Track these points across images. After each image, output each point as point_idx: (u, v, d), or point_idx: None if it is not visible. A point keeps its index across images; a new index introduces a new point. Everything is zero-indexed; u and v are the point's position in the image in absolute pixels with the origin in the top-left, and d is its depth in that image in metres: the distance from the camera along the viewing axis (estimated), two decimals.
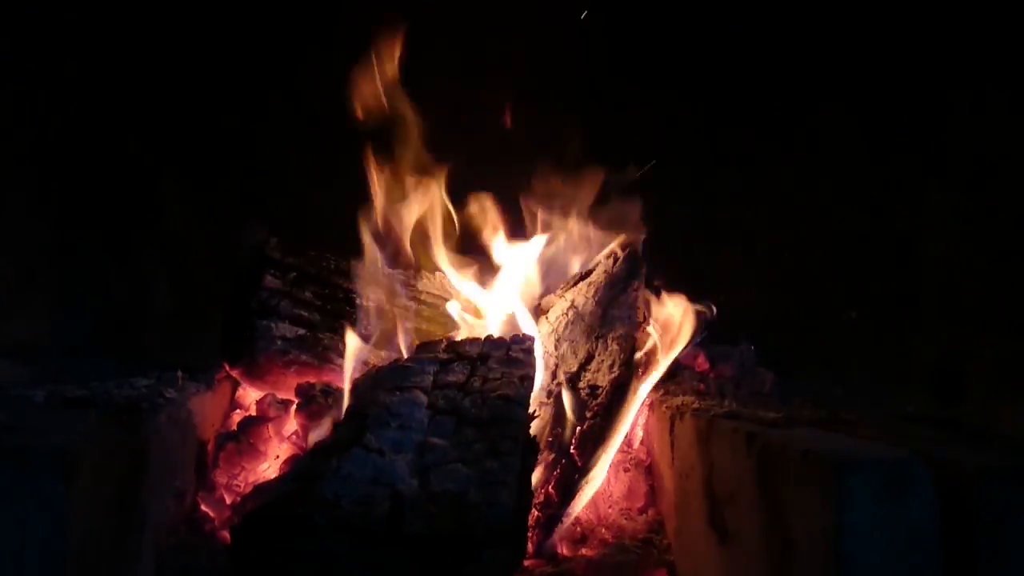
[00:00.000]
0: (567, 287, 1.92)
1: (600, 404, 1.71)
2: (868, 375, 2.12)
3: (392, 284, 1.89)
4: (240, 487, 1.69)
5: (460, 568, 1.02)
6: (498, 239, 2.01)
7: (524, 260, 1.97)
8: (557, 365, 1.71)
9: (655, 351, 1.84)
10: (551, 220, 2.02)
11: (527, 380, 1.46)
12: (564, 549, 1.62)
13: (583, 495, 1.68)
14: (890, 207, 2.22)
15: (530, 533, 1.55)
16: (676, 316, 1.86)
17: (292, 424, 1.77)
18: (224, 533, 1.59)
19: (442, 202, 1.97)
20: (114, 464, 1.15)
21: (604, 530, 1.69)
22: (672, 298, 1.89)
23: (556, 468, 1.63)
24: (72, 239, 2.24)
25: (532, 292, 1.95)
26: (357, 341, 1.73)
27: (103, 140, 2.26)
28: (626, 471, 1.81)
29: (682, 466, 1.58)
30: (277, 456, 1.75)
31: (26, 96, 2.15)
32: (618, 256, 1.90)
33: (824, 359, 2.24)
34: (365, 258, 1.86)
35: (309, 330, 1.79)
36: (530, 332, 1.73)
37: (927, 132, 2.14)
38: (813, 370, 2.14)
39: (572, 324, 1.77)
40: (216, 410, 1.85)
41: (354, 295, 1.85)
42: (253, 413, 1.85)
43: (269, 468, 1.73)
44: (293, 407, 1.77)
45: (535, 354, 1.60)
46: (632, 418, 1.79)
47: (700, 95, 2.39)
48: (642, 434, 1.90)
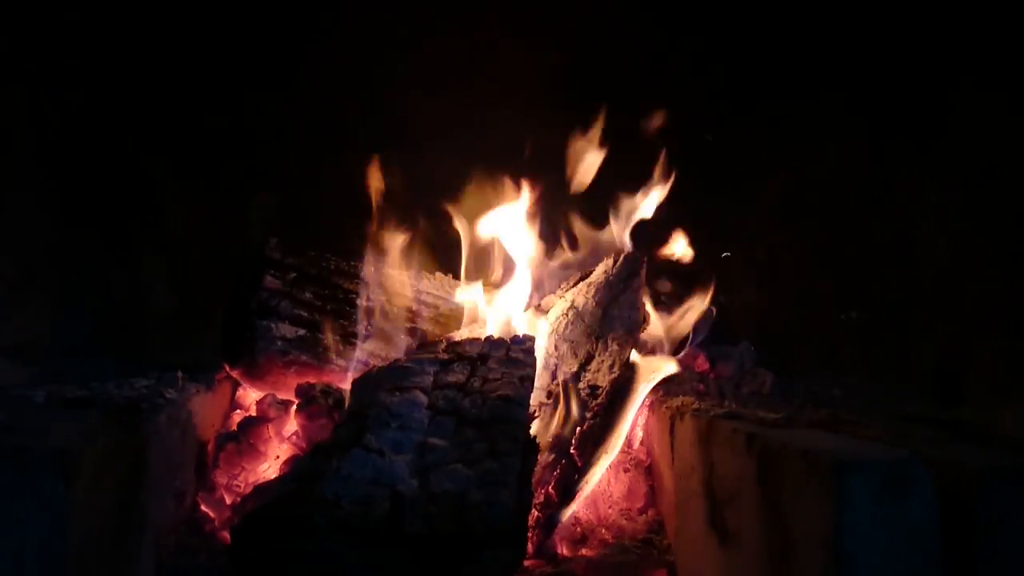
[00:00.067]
0: (567, 287, 1.92)
1: (600, 404, 1.71)
2: (868, 375, 2.12)
3: (393, 284, 1.89)
4: (240, 487, 1.69)
5: (460, 568, 1.02)
6: (499, 238, 2.01)
7: (525, 261, 1.97)
8: (557, 365, 1.71)
9: (655, 351, 1.84)
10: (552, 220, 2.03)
11: (527, 380, 1.46)
12: (564, 549, 1.62)
13: (583, 494, 1.69)
14: (890, 207, 2.22)
15: (530, 533, 1.55)
16: (677, 317, 1.86)
17: (292, 424, 1.77)
18: (224, 533, 1.58)
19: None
20: (114, 464, 1.15)
21: (604, 530, 1.69)
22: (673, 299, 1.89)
23: (556, 468, 1.63)
24: (72, 239, 2.23)
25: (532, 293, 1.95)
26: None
27: (103, 140, 2.26)
28: (626, 471, 1.81)
29: (682, 466, 1.58)
30: (277, 456, 1.75)
31: (26, 96, 2.15)
32: (618, 256, 1.90)
33: (824, 359, 2.25)
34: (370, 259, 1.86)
35: (309, 330, 1.79)
36: (530, 332, 1.73)
37: (927, 132, 2.14)
38: (813, 370, 2.14)
39: (572, 324, 1.77)
40: (216, 410, 1.85)
41: (354, 295, 1.85)
42: (253, 413, 1.85)
43: (269, 468, 1.73)
44: (293, 407, 1.77)
45: (535, 354, 1.60)
46: (632, 418, 1.79)
47: (700, 95, 2.39)
48: (642, 434, 1.90)
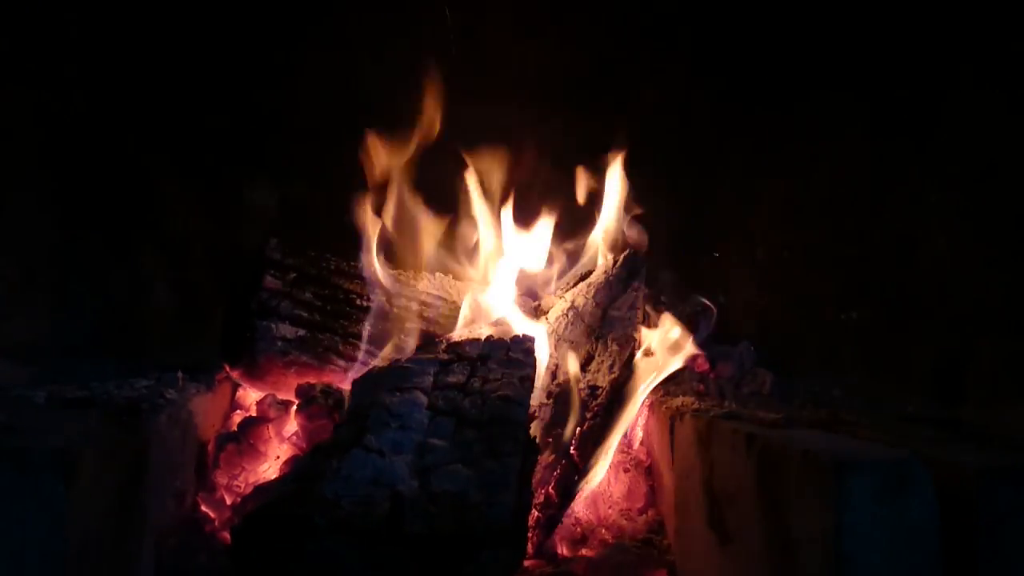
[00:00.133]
0: (567, 287, 1.92)
1: (600, 404, 1.71)
2: (868, 375, 2.12)
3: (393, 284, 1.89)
4: (240, 488, 1.69)
5: (460, 568, 1.02)
6: (498, 237, 2.01)
7: (525, 259, 1.97)
8: (557, 366, 1.71)
9: (655, 352, 1.84)
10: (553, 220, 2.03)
11: (527, 381, 1.46)
12: (564, 549, 1.62)
13: (583, 495, 1.69)
14: (890, 207, 2.22)
15: (530, 533, 1.55)
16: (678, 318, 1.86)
17: (292, 425, 1.77)
18: (224, 534, 1.59)
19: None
20: (114, 465, 1.15)
21: (604, 530, 1.69)
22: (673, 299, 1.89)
23: (556, 468, 1.63)
24: (72, 239, 2.23)
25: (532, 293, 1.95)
26: None
27: (103, 140, 2.26)
28: (626, 472, 1.81)
29: (682, 467, 1.58)
30: (277, 457, 1.75)
31: (27, 96, 2.15)
32: (618, 257, 1.90)
33: (824, 359, 2.24)
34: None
35: (309, 331, 1.79)
36: (530, 333, 1.73)
37: (927, 132, 2.14)
38: (813, 370, 2.14)
39: (572, 325, 1.77)
40: (216, 411, 1.85)
41: (354, 295, 1.85)
42: (253, 414, 1.85)
43: (269, 469, 1.73)
44: (293, 408, 1.77)
45: (535, 355, 1.60)
46: (632, 419, 1.79)
47: (700, 95, 2.39)
48: (642, 435, 1.90)
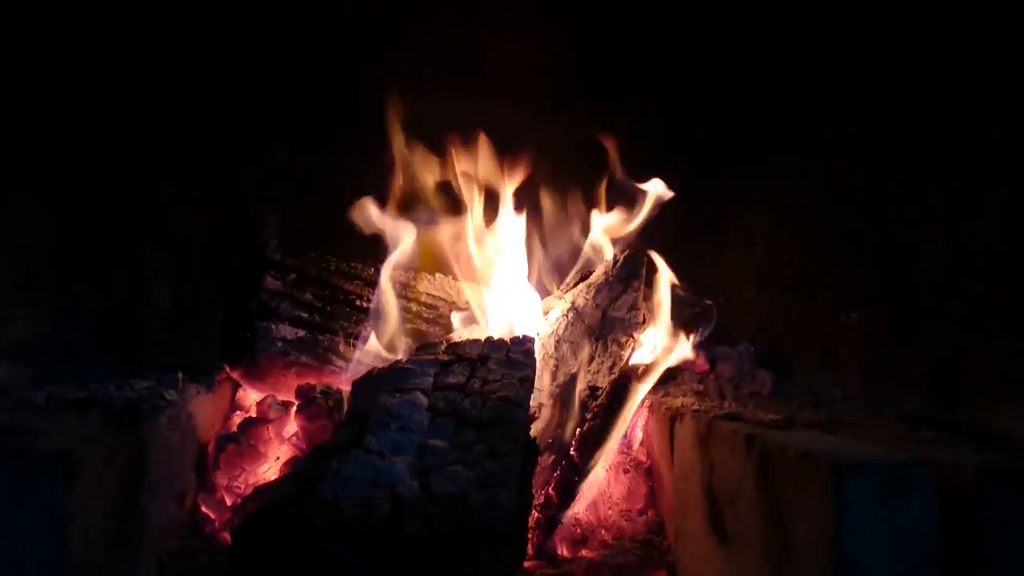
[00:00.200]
0: (567, 288, 1.93)
1: (600, 405, 1.71)
2: (868, 376, 2.12)
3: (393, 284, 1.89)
4: (240, 489, 1.69)
5: (460, 569, 1.02)
6: (498, 237, 2.01)
7: (525, 259, 1.97)
8: (557, 366, 1.71)
9: (655, 352, 1.84)
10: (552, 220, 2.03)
11: (527, 382, 1.46)
12: (564, 550, 1.62)
13: (583, 495, 1.69)
14: (890, 207, 2.21)
15: (530, 534, 1.55)
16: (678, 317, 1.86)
17: (292, 426, 1.77)
18: (225, 535, 1.59)
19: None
20: (114, 466, 1.16)
21: (604, 531, 1.69)
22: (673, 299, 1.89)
23: (556, 469, 1.63)
24: (72, 239, 2.23)
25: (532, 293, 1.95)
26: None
27: (103, 140, 2.26)
28: (626, 472, 1.81)
29: (682, 467, 1.58)
30: (277, 458, 1.75)
31: (27, 96, 2.15)
32: (618, 257, 1.90)
33: (824, 360, 2.24)
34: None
35: (309, 332, 1.79)
36: (530, 333, 1.73)
37: (926, 132, 2.14)
38: (813, 370, 2.14)
39: (572, 325, 1.77)
40: (216, 412, 1.85)
41: (355, 296, 1.86)
42: (253, 414, 1.85)
43: (269, 470, 1.73)
44: (293, 409, 1.77)
45: (535, 356, 1.60)
46: (632, 419, 1.79)
47: (700, 95, 2.39)
48: (642, 435, 1.90)
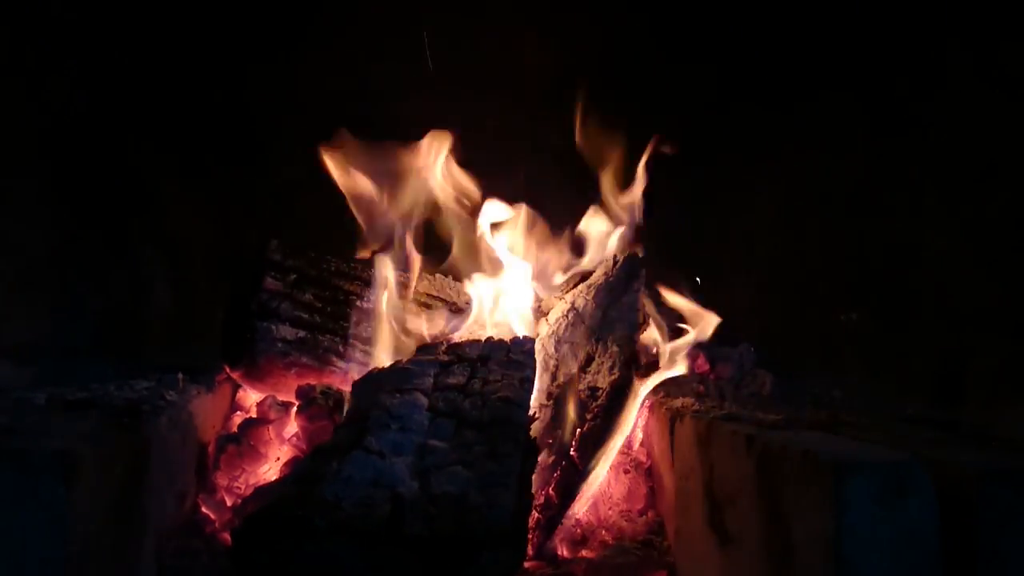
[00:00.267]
0: (567, 288, 1.92)
1: (600, 406, 1.71)
2: (868, 376, 2.12)
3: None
4: (241, 489, 1.69)
5: (460, 570, 1.02)
6: (498, 238, 2.01)
7: (524, 262, 1.97)
8: (557, 367, 1.71)
9: (655, 353, 1.84)
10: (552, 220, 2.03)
11: (527, 382, 1.46)
12: (564, 551, 1.62)
13: (583, 496, 1.69)
14: (889, 208, 2.22)
15: (530, 535, 1.55)
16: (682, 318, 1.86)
17: (292, 426, 1.77)
18: (225, 535, 1.59)
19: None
20: (115, 466, 1.16)
21: (604, 532, 1.69)
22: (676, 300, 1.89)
23: (556, 470, 1.63)
24: (72, 239, 2.23)
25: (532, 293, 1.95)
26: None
27: (103, 140, 2.26)
28: (626, 473, 1.81)
29: (682, 468, 1.58)
30: (277, 458, 1.75)
31: (27, 96, 2.15)
32: (618, 258, 1.91)
33: (824, 360, 2.25)
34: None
35: (310, 332, 1.79)
36: (530, 334, 1.73)
37: (926, 132, 2.14)
38: (813, 371, 2.14)
39: (572, 326, 1.77)
40: (217, 412, 1.85)
41: (355, 297, 1.85)
42: (253, 415, 1.85)
43: (269, 470, 1.73)
44: (293, 409, 1.77)
45: (535, 356, 1.60)
46: (632, 420, 1.80)
47: (700, 95, 2.40)
48: (642, 436, 1.90)
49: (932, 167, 2.13)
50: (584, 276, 1.93)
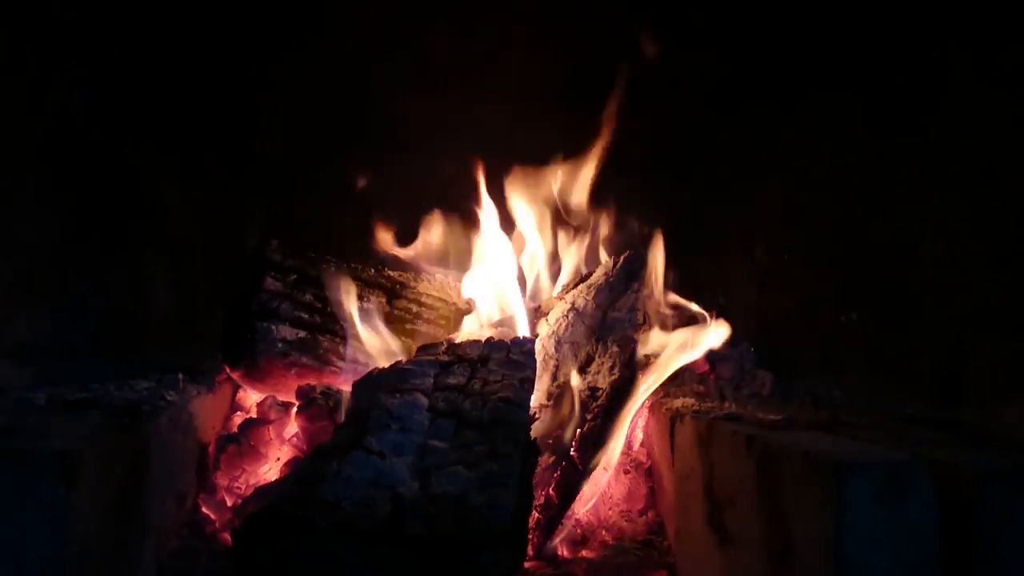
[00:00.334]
0: (567, 289, 1.93)
1: (600, 406, 1.71)
2: (868, 376, 2.12)
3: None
4: (241, 489, 1.69)
5: (460, 570, 1.02)
6: (497, 239, 2.01)
7: (525, 262, 1.97)
8: (557, 367, 1.71)
9: (656, 353, 1.84)
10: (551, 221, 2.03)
11: (527, 382, 1.46)
12: (564, 551, 1.62)
13: (583, 497, 1.69)
14: (890, 207, 2.22)
15: (530, 535, 1.55)
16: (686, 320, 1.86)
17: (293, 426, 1.77)
18: (225, 535, 1.59)
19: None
20: (115, 466, 1.16)
21: (604, 532, 1.69)
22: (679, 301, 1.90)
23: (556, 470, 1.63)
24: (72, 240, 2.23)
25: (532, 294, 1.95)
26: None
27: (103, 140, 2.26)
28: (626, 473, 1.81)
29: (682, 468, 1.58)
30: (278, 458, 1.75)
31: (27, 96, 2.15)
32: (617, 258, 1.91)
33: (824, 360, 2.24)
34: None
35: (310, 332, 1.79)
36: (530, 334, 1.73)
37: (926, 132, 2.14)
38: (813, 371, 2.14)
39: (572, 326, 1.77)
40: (217, 412, 1.85)
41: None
42: (254, 415, 1.86)
43: (270, 470, 1.73)
44: (294, 409, 1.77)
45: (535, 356, 1.60)
46: (632, 420, 1.79)
47: (700, 95, 2.39)
48: (642, 436, 1.90)
49: (932, 167, 2.12)
50: (584, 276, 1.93)
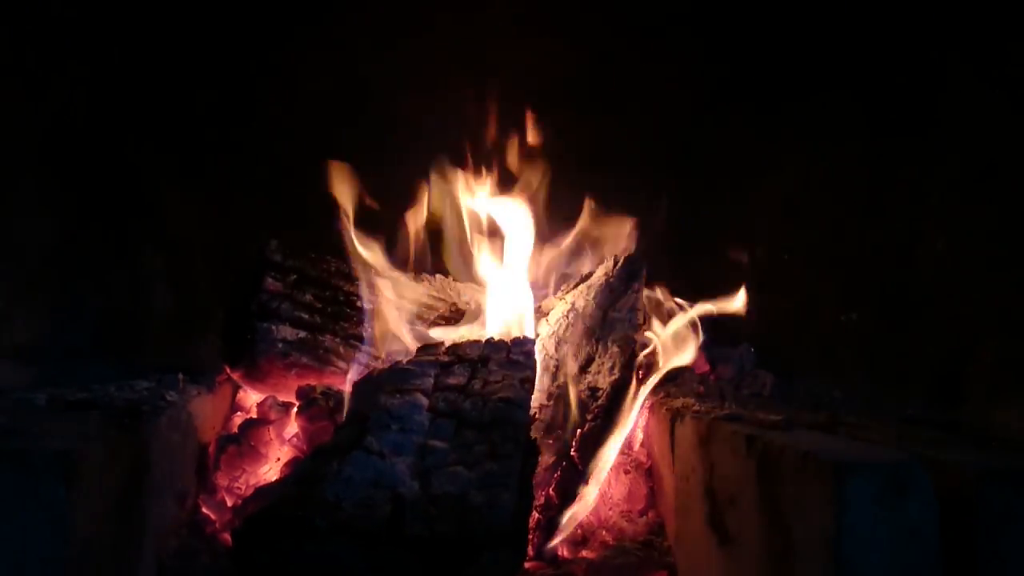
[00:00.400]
0: (567, 289, 1.93)
1: (600, 406, 1.71)
2: (868, 377, 2.12)
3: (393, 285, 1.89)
4: (241, 489, 1.69)
5: (461, 570, 1.02)
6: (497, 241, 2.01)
7: (523, 262, 1.97)
8: (557, 367, 1.71)
9: (656, 354, 1.84)
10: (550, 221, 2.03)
11: (527, 383, 1.46)
12: (565, 551, 1.62)
13: (584, 497, 1.69)
14: (890, 207, 2.22)
15: (531, 535, 1.55)
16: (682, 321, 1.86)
17: (293, 426, 1.77)
18: (225, 535, 1.59)
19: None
20: (115, 467, 1.16)
21: (605, 532, 1.69)
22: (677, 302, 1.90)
23: (557, 470, 1.63)
24: (72, 240, 2.23)
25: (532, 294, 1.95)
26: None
27: (103, 140, 2.26)
28: (626, 473, 1.81)
29: (682, 468, 1.58)
30: (278, 458, 1.75)
31: (27, 96, 2.15)
32: (618, 258, 1.91)
33: (824, 361, 2.24)
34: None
35: (310, 332, 1.79)
36: (530, 334, 1.73)
37: (926, 132, 2.14)
38: (813, 372, 2.14)
39: (572, 326, 1.77)
40: (217, 412, 1.85)
41: (355, 297, 1.86)
42: (254, 415, 1.86)
43: (270, 470, 1.73)
44: (294, 409, 1.77)
45: (535, 357, 1.60)
46: (632, 420, 1.80)
47: (699, 95, 2.39)
48: (642, 436, 1.90)
49: (932, 167, 2.12)
50: (584, 276, 1.93)
